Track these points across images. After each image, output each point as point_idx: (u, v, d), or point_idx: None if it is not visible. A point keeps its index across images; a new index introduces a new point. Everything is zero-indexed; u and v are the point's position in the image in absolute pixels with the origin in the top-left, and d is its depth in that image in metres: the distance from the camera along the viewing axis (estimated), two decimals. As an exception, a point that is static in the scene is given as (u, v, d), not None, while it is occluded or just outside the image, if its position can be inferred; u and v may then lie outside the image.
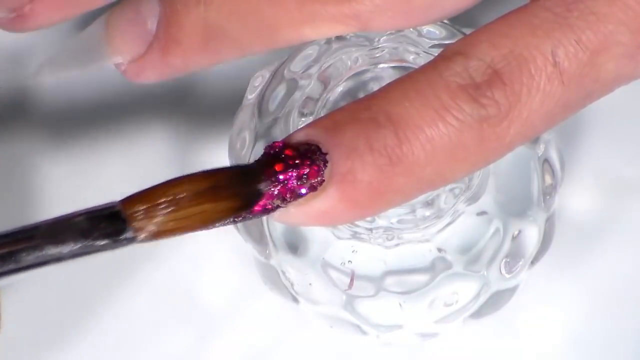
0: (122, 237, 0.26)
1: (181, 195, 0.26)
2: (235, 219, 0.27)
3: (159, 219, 0.26)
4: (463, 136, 0.26)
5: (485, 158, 0.27)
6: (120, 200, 0.26)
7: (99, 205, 0.26)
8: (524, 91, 0.26)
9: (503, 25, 0.27)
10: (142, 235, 0.26)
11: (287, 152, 0.27)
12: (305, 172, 0.26)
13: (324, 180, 0.26)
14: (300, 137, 0.27)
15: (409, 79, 0.27)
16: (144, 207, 0.26)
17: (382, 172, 0.26)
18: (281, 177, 0.27)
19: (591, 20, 0.26)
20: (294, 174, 0.27)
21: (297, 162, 0.26)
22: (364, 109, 0.27)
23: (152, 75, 0.32)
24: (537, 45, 0.26)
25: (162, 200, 0.26)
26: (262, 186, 0.26)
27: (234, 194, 0.27)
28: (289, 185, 0.27)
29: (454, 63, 0.26)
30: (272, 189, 0.27)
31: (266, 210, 0.27)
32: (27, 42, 0.39)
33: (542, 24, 0.26)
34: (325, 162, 0.26)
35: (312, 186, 0.27)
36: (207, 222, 0.26)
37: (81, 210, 0.26)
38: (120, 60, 0.32)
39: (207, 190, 0.26)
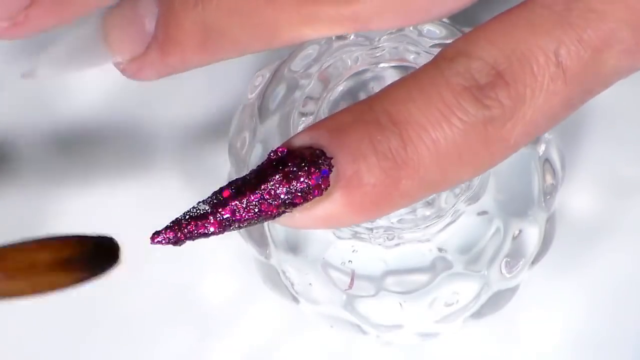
0: None
1: (38, 262, 0.27)
2: None
3: (16, 282, 0.27)
4: (468, 138, 0.26)
5: (490, 159, 0.27)
6: None
7: None
8: (528, 92, 0.26)
9: (503, 23, 0.26)
10: None
11: (290, 160, 0.26)
12: (311, 178, 0.26)
13: (329, 185, 0.26)
14: (303, 140, 0.27)
15: (412, 80, 0.26)
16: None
17: (387, 175, 0.26)
18: (285, 184, 0.26)
19: (591, 18, 0.26)
20: (299, 180, 0.26)
21: (304, 167, 0.26)
22: (367, 110, 0.26)
23: (151, 73, 0.32)
24: (539, 44, 0.26)
25: (21, 265, 0.27)
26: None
27: (86, 267, 0.27)
28: (295, 192, 0.26)
29: (456, 64, 0.26)
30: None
31: (272, 215, 0.27)
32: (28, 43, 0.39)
33: (543, 22, 0.26)
34: (331, 166, 0.26)
35: (318, 191, 0.26)
36: (55, 289, 0.28)
37: None
38: (119, 60, 0.32)
39: (62, 261, 0.27)
